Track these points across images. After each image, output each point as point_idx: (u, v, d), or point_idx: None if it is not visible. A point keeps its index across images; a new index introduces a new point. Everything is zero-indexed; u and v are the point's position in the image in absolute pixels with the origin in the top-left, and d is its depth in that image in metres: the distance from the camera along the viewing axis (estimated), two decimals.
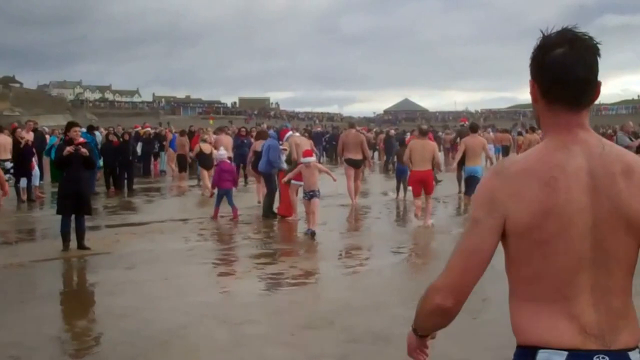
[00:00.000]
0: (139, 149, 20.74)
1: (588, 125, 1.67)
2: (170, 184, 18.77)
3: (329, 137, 30.43)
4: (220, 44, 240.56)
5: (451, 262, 1.68)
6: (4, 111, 61.16)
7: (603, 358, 1.58)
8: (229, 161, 12.63)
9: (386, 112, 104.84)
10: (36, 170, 14.72)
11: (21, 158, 13.54)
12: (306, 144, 12.14)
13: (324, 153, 29.48)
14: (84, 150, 8.60)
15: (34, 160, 14.83)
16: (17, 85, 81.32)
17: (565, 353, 1.58)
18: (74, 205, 8.52)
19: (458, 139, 15.37)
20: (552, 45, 1.64)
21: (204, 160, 15.53)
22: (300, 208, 11.49)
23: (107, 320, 5.67)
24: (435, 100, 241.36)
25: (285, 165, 11.99)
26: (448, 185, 15.14)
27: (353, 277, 7.21)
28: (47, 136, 19.64)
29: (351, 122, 20.04)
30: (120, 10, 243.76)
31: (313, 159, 10.11)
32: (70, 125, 9.05)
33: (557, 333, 1.60)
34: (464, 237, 1.68)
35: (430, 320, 1.76)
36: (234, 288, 6.69)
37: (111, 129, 20.48)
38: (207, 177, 15.89)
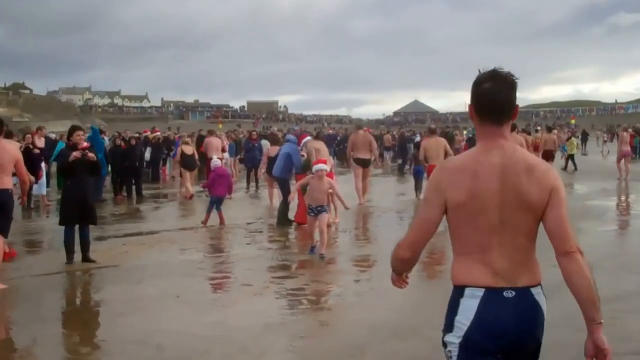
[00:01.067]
0: (147, 154, 20.45)
1: (508, 135, 2.38)
2: (179, 189, 18.19)
3: (340, 141, 29.91)
4: (229, 49, 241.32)
5: (411, 227, 2.48)
6: (13, 117, 60.83)
7: (510, 292, 2.31)
8: (225, 167, 12.23)
9: (396, 113, 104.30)
10: (42, 180, 14.22)
11: (29, 165, 12.94)
12: (325, 150, 11.63)
13: (334, 157, 29.05)
14: (91, 155, 8.09)
15: (43, 167, 14.37)
16: (27, 91, 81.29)
17: (483, 289, 2.31)
18: (78, 214, 8.00)
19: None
20: (481, 81, 2.38)
21: (186, 161, 15.66)
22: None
23: (115, 345, 5.11)
24: (445, 101, 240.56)
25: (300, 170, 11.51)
26: None
27: (378, 293, 6.57)
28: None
29: (358, 124, 21.33)
30: (130, 17, 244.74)
31: (326, 167, 8.85)
32: (74, 129, 8.47)
33: (478, 275, 2.33)
34: (419, 211, 2.45)
35: (398, 266, 2.59)
36: (252, 306, 6.12)
37: (116, 133, 20.01)
38: (188, 178, 15.86)
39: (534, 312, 2.35)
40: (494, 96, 2.36)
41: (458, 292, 2.38)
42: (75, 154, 7.96)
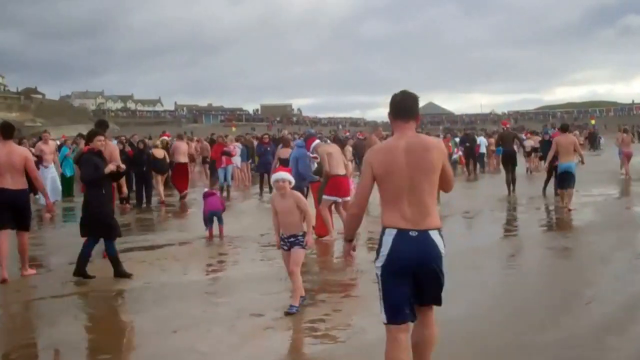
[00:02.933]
0: None
1: (413, 129, 3.74)
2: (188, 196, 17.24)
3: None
4: (242, 52, 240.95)
5: (355, 192, 3.92)
6: (25, 122, 60.67)
7: (414, 232, 3.54)
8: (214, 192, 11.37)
9: None
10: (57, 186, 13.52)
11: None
12: (338, 153, 10.51)
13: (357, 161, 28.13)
14: (122, 166, 7.77)
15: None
16: (39, 96, 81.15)
17: (396, 230, 3.57)
18: (103, 228, 7.41)
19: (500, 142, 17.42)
20: (395, 95, 3.79)
21: (158, 165, 15.45)
22: (338, 224, 9.95)
23: None
24: (459, 103, 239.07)
25: (316, 177, 10.49)
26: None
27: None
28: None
29: (374, 126, 21.81)
30: (143, 21, 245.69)
31: (285, 176, 6.16)
32: (94, 134, 7.74)
33: (393, 220, 3.59)
34: (360, 180, 3.78)
35: (351, 222, 3.89)
36: (262, 346, 5.11)
37: (123, 137, 19.16)
38: (160, 182, 15.64)
39: (431, 246, 3.55)
40: (402, 104, 3.76)
41: (382, 231, 3.65)
42: (111, 166, 7.52)
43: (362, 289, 6.83)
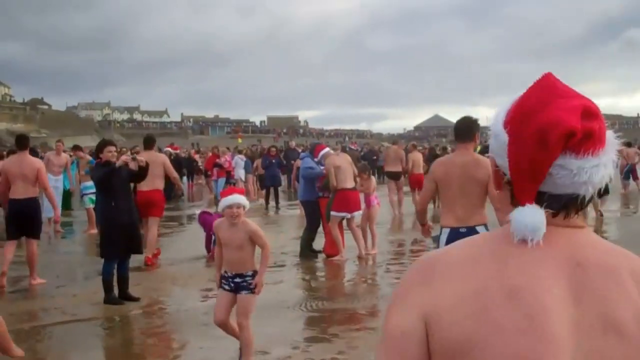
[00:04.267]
0: None
1: (469, 149, 4.80)
2: (188, 211, 16.49)
3: (365, 155, 28.11)
4: (249, 64, 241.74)
5: (421, 194, 5.50)
6: (30, 133, 60.20)
7: (464, 229, 4.47)
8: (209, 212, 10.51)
9: (417, 128, 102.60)
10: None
11: None
12: (347, 164, 9.64)
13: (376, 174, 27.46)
14: (140, 159, 7.04)
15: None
16: (45, 107, 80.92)
17: (449, 229, 4.60)
18: (125, 244, 6.76)
19: None
20: (457, 121, 5.03)
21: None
22: (349, 242, 9.23)
23: None
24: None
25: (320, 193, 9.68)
26: None
27: None
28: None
29: (394, 139, 23.86)
30: (150, 33, 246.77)
31: (239, 200, 4.70)
32: (104, 144, 7.14)
33: (448, 221, 4.66)
34: (424, 186, 5.42)
35: (420, 216, 5.21)
36: None
37: (124, 149, 18.54)
38: None
39: None
40: (458, 130, 4.88)
41: (440, 232, 4.73)
42: (124, 157, 6.95)
43: (381, 319, 6.06)
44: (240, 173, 18.81)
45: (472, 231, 4.36)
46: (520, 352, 0.91)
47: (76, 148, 14.84)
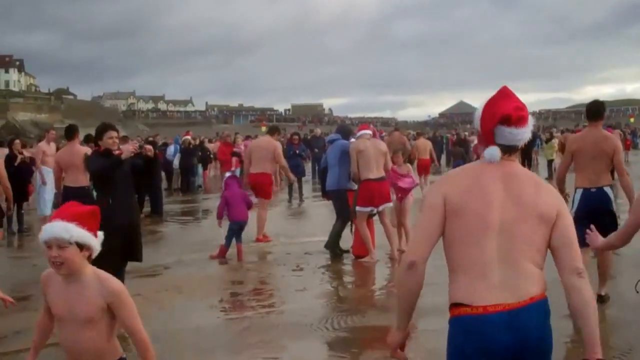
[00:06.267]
0: (176, 160, 18.49)
1: (599, 126, 5.67)
2: (203, 204, 15.50)
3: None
4: (274, 53, 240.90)
5: (559, 166, 6.95)
6: (54, 123, 60.10)
7: (594, 189, 5.54)
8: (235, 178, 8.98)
9: (441, 115, 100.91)
10: (49, 196, 11.54)
11: (16, 178, 10.24)
12: (374, 150, 8.12)
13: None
14: (148, 147, 6.00)
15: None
16: (70, 97, 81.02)
17: (582, 189, 5.59)
18: (125, 249, 5.67)
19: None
20: (587, 104, 5.94)
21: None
22: (380, 240, 8.16)
23: None
24: None
25: (354, 185, 8.53)
26: None
27: None
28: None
29: (395, 126, 25.24)
30: (175, 23, 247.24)
31: (71, 231, 2.60)
32: (104, 129, 5.90)
33: (583, 183, 5.58)
34: (562, 159, 6.79)
35: (558, 183, 5.69)
36: None
37: (139, 139, 17.71)
38: None
39: None
40: (590, 110, 5.75)
41: (575, 190, 5.63)
42: (131, 148, 5.76)
43: (424, 340, 4.83)
44: None
45: (600, 190, 5.42)
46: (478, 209, 2.25)
47: (89, 139, 13.93)
